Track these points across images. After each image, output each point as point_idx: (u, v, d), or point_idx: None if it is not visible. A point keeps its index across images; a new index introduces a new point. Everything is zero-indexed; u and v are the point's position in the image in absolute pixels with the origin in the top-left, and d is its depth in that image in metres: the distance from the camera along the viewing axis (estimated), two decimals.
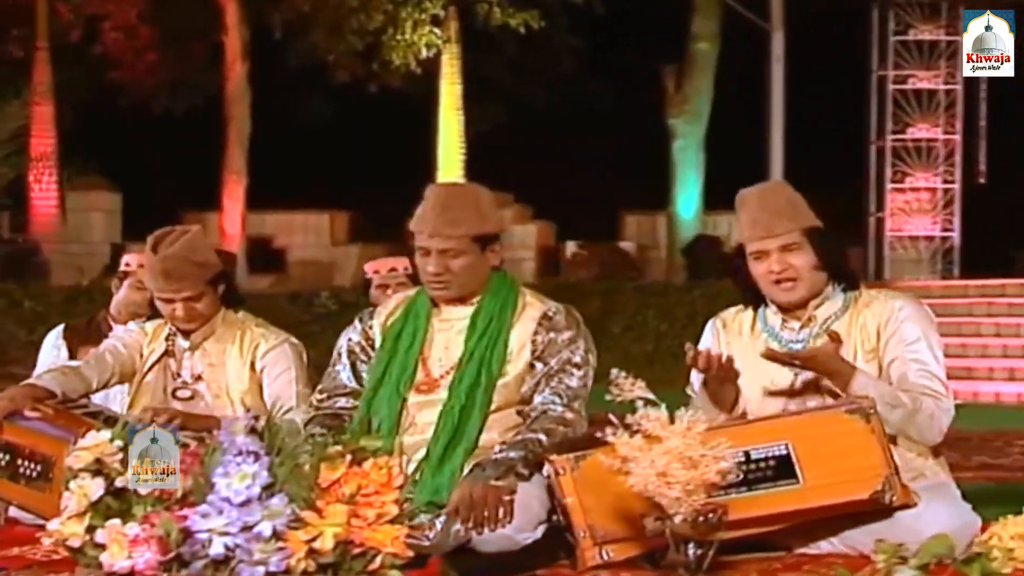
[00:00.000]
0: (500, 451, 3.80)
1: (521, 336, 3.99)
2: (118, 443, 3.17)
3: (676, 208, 17.92)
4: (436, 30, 18.90)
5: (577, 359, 3.93)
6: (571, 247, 18.49)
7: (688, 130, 17.91)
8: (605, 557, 3.46)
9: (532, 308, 4.03)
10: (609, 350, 13.90)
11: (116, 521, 3.09)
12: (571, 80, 20.50)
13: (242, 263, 19.22)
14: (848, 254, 3.93)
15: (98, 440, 3.17)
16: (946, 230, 17.48)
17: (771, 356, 3.60)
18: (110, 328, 5.26)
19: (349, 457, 3.08)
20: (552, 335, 3.96)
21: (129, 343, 4.71)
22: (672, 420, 2.90)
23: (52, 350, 5.49)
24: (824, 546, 3.58)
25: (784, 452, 3.37)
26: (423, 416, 3.96)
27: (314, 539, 2.99)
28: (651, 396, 2.93)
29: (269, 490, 3.04)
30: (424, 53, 18.92)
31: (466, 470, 3.80)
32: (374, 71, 19.66)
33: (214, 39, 20.23)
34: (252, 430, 3.11)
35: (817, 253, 3.74)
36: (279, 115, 20.55)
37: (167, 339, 4.68)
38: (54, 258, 18.59)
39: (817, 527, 3.55)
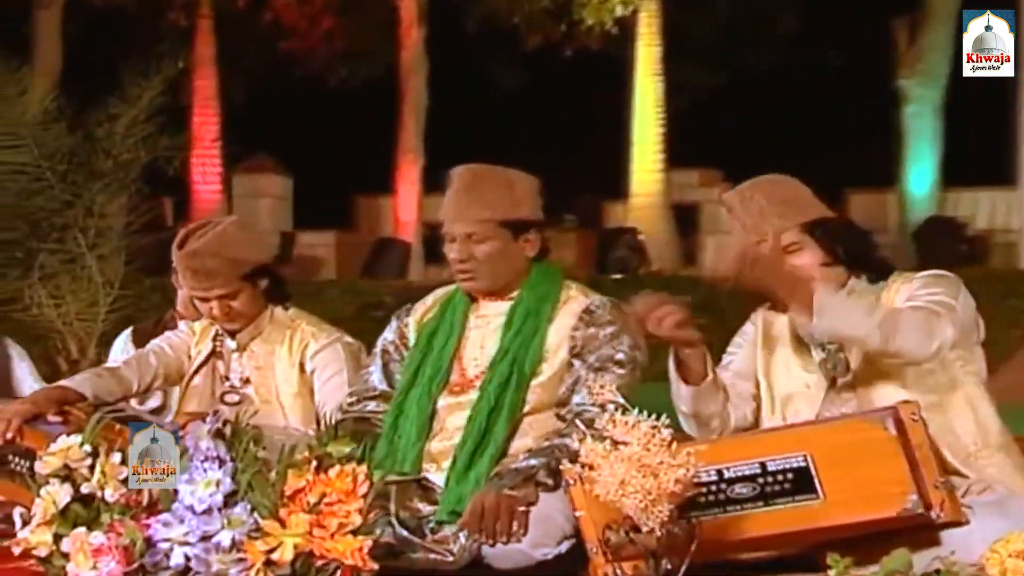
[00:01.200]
0: (523, 458, 3.97)
1: (560, 332, 4.13)
2: (86, 448, 3.47)
3: (907, 185, 17.70)
4: None
5: (620, 356, 4.06)
6: None
7: (922, 93, 17.68)
8: (619, 574, 3.61)
9: (574, 302, 4.18)
10: None
11: (81, 529, 3.37)
12: (791, 39, 20.38)
13: (418, 252, 19.68)
14: (869, 241, 3.97)
15: (66, 444, 3.48)
16: None
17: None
18: (177, 327, 5.57)
19: (315, 464, 3.30)
20: (593, 330, 4.10)
21: (176, 344, 4.97)
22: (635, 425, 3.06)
23: (121, 356, 5.82)
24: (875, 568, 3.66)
25: (803, 464, 3.46)
26: (454, 420, 4.14)
27: (273, 550, 3.23)
28: (621, 400, 3.08)
29: (232, 498, 3.29)
30: (620, 11, 19.05)
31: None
32: (568, 34, 19.86)
33: (391, 3, 20.72)
34: (218, 434, 3.37)
35: (824, 248, 3.82)
36: (460, 87, 20.92)
37: (214, 339, 4.92)
38: None
39: (862, 547, 3.63)
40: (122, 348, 5.95)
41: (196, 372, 4.94)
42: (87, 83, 12.36)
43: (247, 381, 4.87)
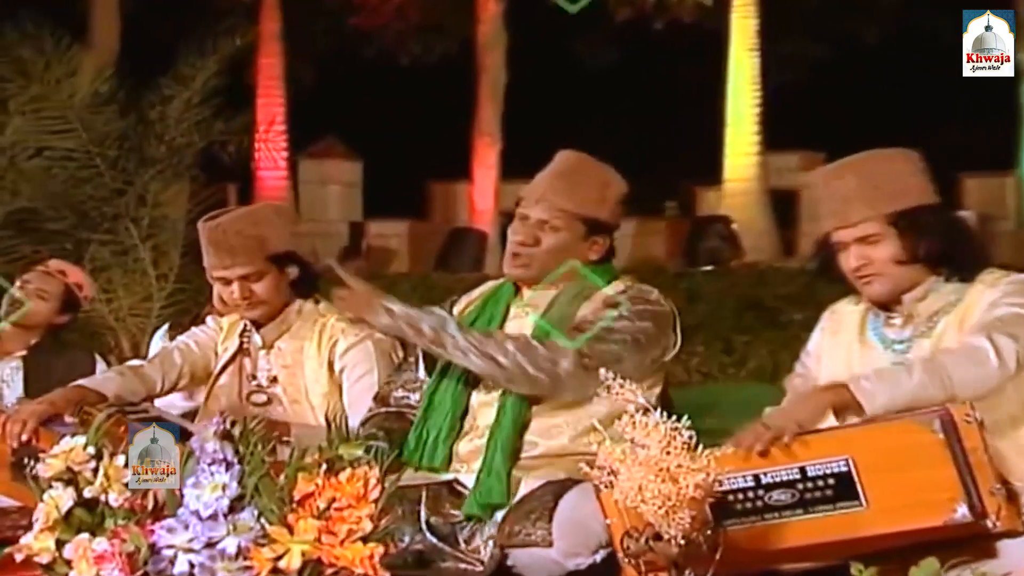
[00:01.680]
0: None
1: (584, 314, 4.23)
2: (91, 450, 3.57)
3: None
4: None
5: (610, 323, 4.16)
6: None
7: None
8: None
9: (611, 288, 4.29)
10: None
11: (84, 536, 3.48)
12: (900, 7, 20.21)
13: (494, 243, 19.70)
14: (962, 237, 3.93)
15: (69, 446, 3.58)
16: None
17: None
18: None
19: (324, 467, 3.38)
20: (612, 310, 4.20)
21: (202, 341, 5.05)
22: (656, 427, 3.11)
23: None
24: None
25: (844, 469, 3.50)
26: (484, 418, 4.26)
27: (280, 557, 3.32)
28: (642, 400, 3.14)
29: (239, 503, 3.39)
30: None
31: (515, 473, 4.13)
32: (659, 5, 19.83)
33: None
34: (226, 435, 3.46)
35: (905, 244, 3.80)
36: (542, 64, 20.92)
37: (241, 335, 5.01)
38: None
39: (911, 559, 3.66)
40: (156, 347, 6.07)
41: (223, 370, 5.01)
42: (144, 63, 12.47)
43: (275, 380, 4.94)
